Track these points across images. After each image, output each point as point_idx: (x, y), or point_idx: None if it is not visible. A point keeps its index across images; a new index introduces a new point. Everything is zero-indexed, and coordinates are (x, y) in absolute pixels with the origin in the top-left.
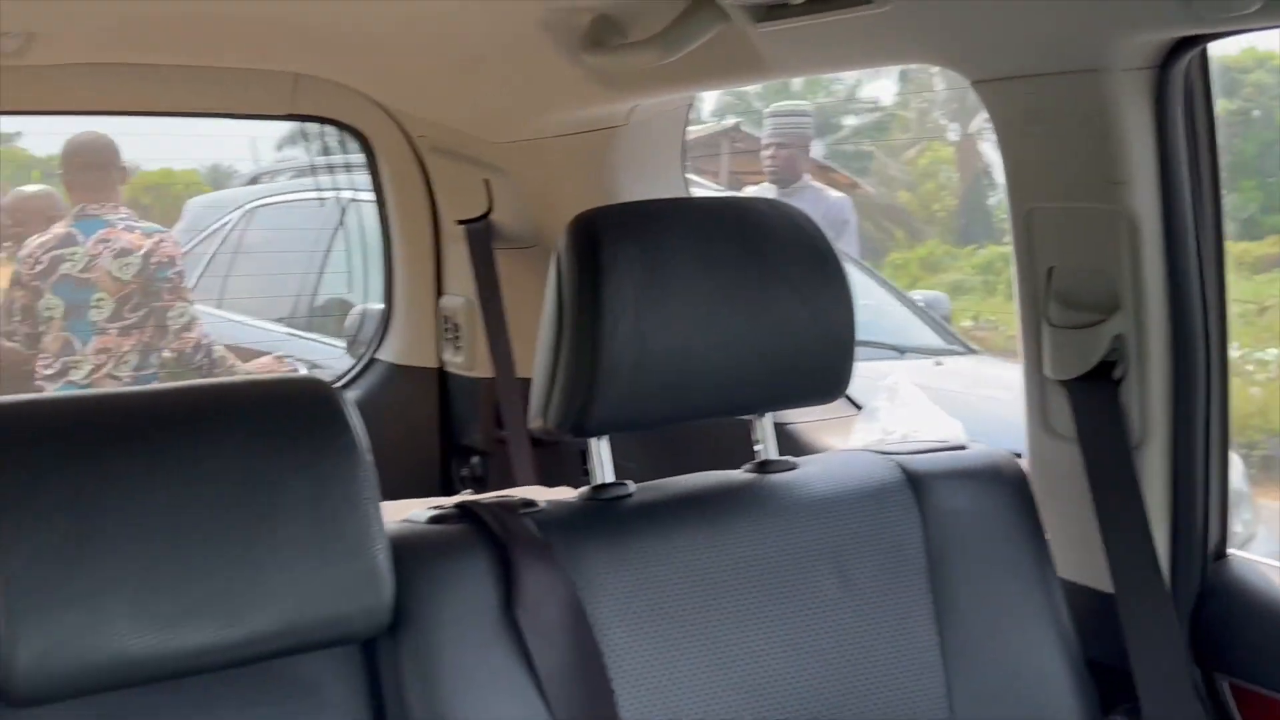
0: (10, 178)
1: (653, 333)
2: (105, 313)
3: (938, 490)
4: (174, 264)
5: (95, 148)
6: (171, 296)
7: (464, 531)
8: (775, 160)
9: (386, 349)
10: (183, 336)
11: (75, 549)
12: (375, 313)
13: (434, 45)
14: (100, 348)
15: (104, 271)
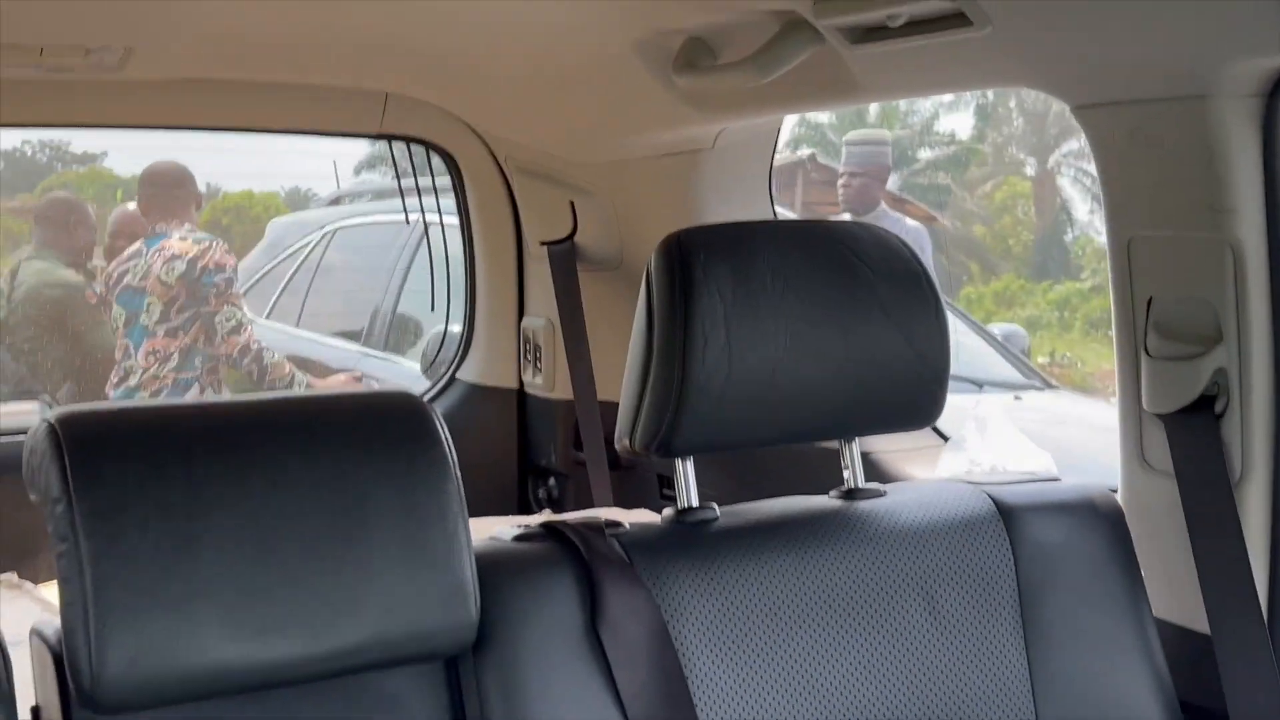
0: (95, 196)
1: (742, 353)
2: (154, 317)
3: (1030, 523)
4: (223, 270)
5: (171, 173)
6: (219, 301)
7: (549, 550)
8: (850, 189)
9: (467, 369)
10: (229, 340)
11: (168, 557)
12: (452, 334)
13: (525, 67)
14: (149, 350)
15: (155, 278)
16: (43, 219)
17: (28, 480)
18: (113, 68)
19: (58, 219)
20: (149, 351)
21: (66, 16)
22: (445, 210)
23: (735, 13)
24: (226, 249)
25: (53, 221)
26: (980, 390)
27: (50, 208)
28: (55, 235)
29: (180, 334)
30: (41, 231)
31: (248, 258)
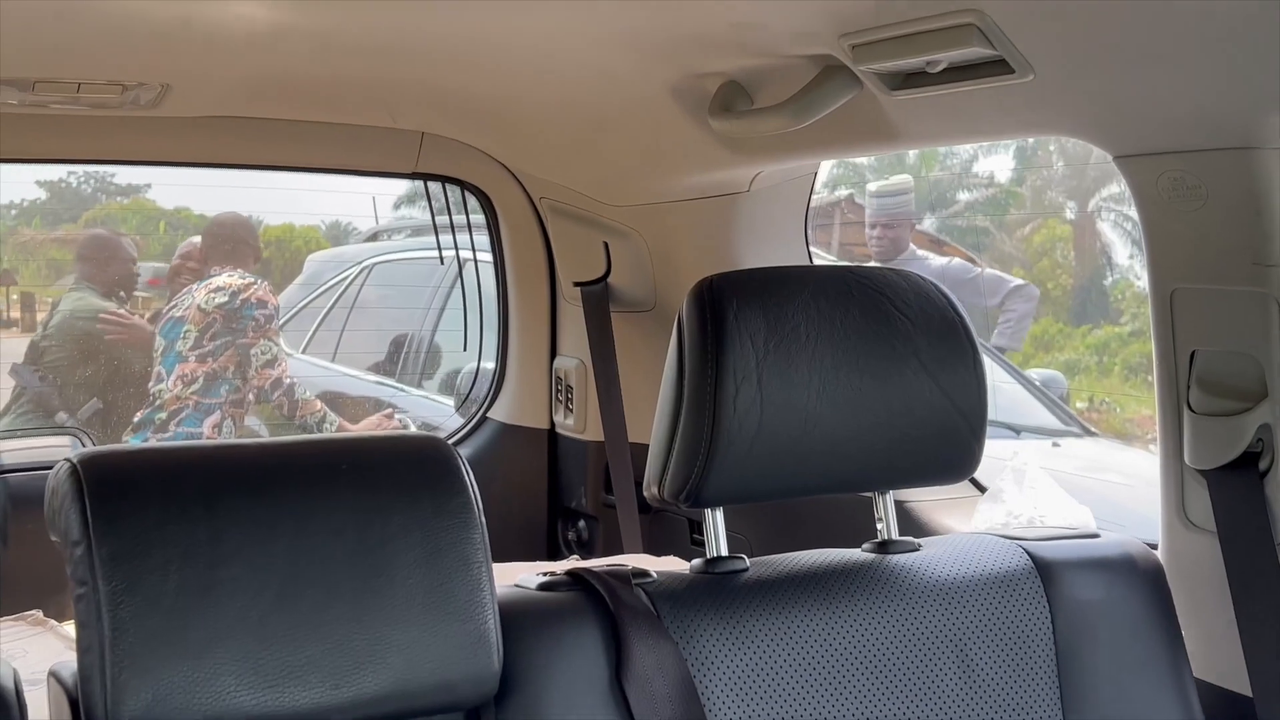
0: (138, 228)
1: (774, 402)
2: (189, 343)
3: (1068, 579)
4: (265, 305)
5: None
6: (257, 334)
7: (574, 599)
8: (881, 240)
9: (498, 408)
10: (262, 372)
11: (187, 603)
12: (486, 371)
13: (561, 109)
14: (179, 374)
15: (195, 307)
16: (81, 256)
17: (48, 521)
18: (150, 104)
19: (95, 256)
20: (179, 376)
21: (105, 54)
22: (479, 247)
23: (772, 57)
24: (270, 288)
25: (90, 258)
26: (1018, 436)
27: (87, 246)
28: (93, 270)
29: (210, 359)
30: (81, 267)
31: (285, 291)
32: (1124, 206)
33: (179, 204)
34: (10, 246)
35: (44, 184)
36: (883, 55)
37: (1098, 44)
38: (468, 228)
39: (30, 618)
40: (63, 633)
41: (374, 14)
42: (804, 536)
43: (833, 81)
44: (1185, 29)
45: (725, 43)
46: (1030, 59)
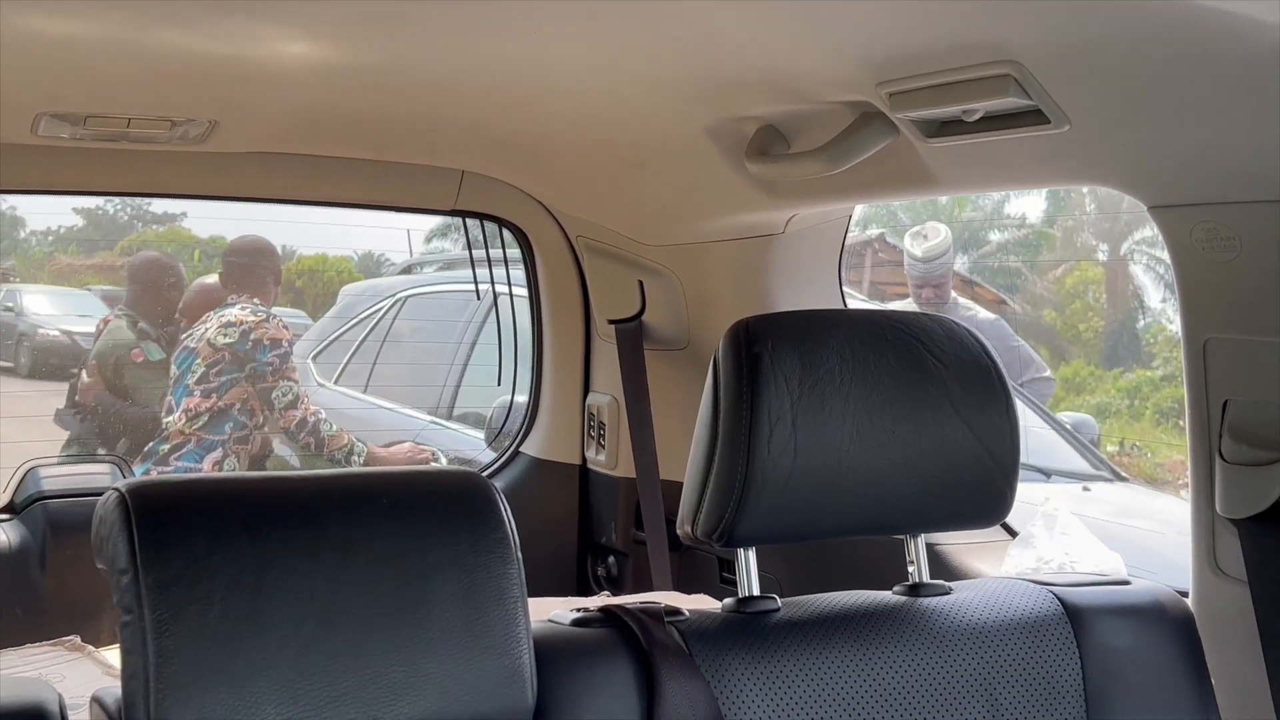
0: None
1: (808, 444)
2: (195, 376)
3: (1098, 626)
4: (279, 345)
5: (255, 248)
6: (275, 377)
7: (607, 636)
8: (930, 302)
9: (531, 443)
10: (285, 415)
11: (231, 632)
12: (518, 405)
13: (599, 149)
14: (185, 407)
15: (206, 340)
16: (135, 277)
17: (96, 548)
18: (197, 140)
19: (149, 278)
20: (185, 409)
21: (155, 90)
22: (514, 282)
23: (809, 103)
24: (282, 324)
25: (142, 280)
26: (1048, 480)
27: (143, 268)
28: (143, 293)
29: (214, 396)
30: (131, 289)
31: (319, 323)
32: (1157, 250)
33: (214, 233)
34: (48, 272)
35: (81, 211)
36: (919, 103)
37: (1133, 96)
38: (504, 262)
39: (68, 643)
40: (100, 658)
41: (418, 54)
42: (833, 577)
43: (869, 128)
44: (1220, 82)
45: (763, 88)
46: (1066, 110)
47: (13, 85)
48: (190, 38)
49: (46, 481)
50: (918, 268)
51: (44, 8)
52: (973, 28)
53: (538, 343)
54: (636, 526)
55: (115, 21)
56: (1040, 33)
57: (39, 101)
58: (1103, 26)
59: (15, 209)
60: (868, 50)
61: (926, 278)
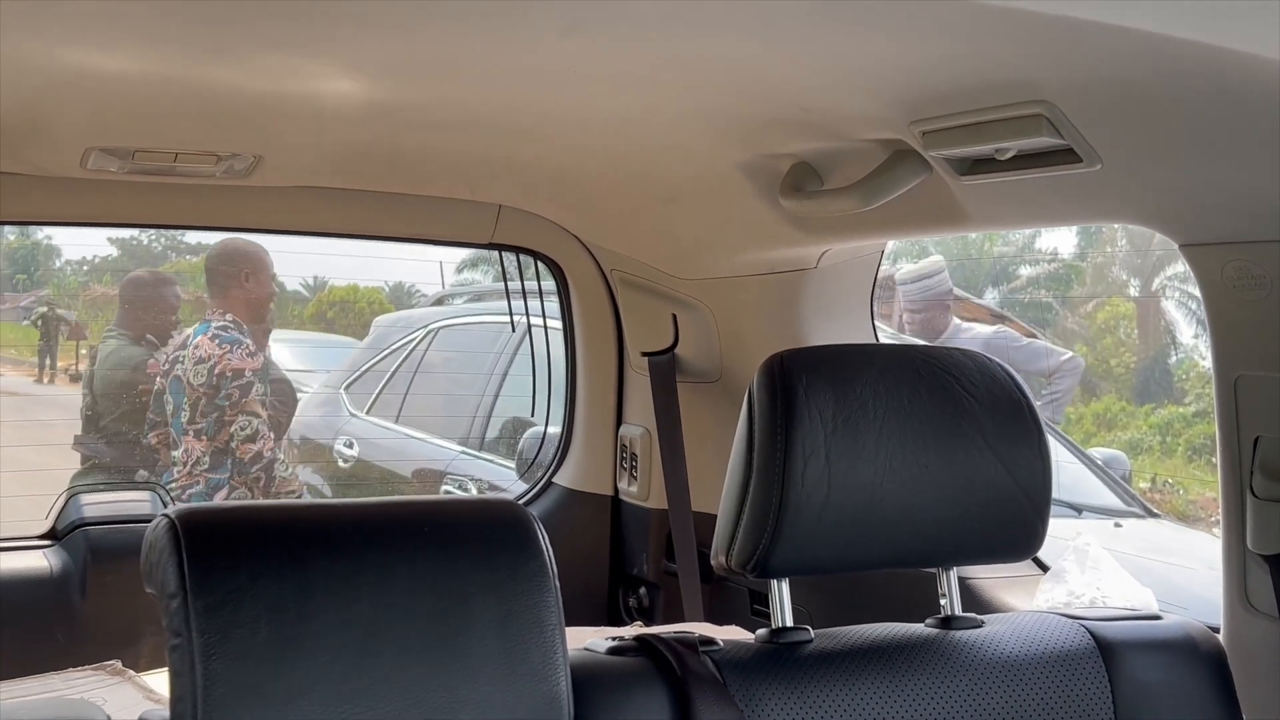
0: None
1: (841, 477)
2: (187, 415)
3: (1130, 661)
4: (241, 376)
5: (226, 257)
6: (233, 410)
7: (642, 665)
8: (912, 324)
9: (564, 473)
10: (243, 446)
11: (275, 656)
12: (551, 436)
13: (633, 184)
14: (185, 447)
15: (187, 380)
16: (122, 299)
17: (145, 574)
18: (242, 174)
19: (136, 297)
20: (185, 449)
21: (202, 125)
22: (541, 314)
23: (843, 140)
24: (250, 351)
25: (131, 301)
26: (1080, 516)
27: (128, 287)
28: (130, 314)
29: (204, 437)
30: (120, 311)
31: (352, 353)
32: (1188, 285)
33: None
34: (82, 301)
35: (116, 241)
36: (952, 142)
37: (1164, 135)
38: (539, 294)
39: (109, 667)
40: (141, 682)
41: (457, 92)
42: (865, 609)
43: (902, 165)
44: (1250, 122)
45: (797, 125)
46: (1098, 149)
47: (64, 120)
48: (237, 75)
49: (88, 508)
50: (909, 289)
51: (94, 46)
52: (1005, 68)
53: (571, 374)
54: (668, 558)
55: (164, 59)
56: (1072, 73)
57: (89, 136)
58: (1133, 67)
59: (51, 238)
60: (901, 89)
61: (906, 301)
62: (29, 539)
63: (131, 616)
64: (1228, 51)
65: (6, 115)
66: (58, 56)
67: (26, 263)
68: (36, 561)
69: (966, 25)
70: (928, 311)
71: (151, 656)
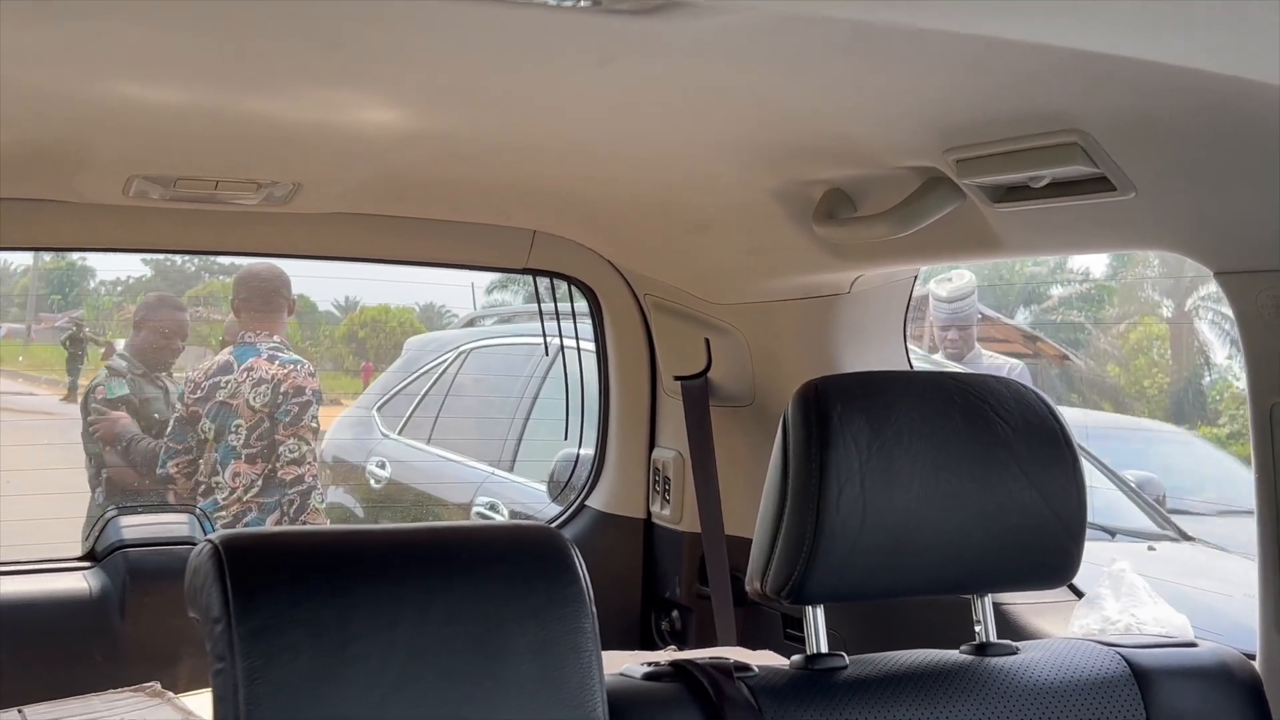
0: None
1: (876, 504)
2: (241, 439)
3: (1165, 688)
4: (301, 394)
5: (267, 276)
6: (287, 431)
7: (678, 691)
8: (955, 344)
9: (596, 496)
10: (287, 467)
11: (317, 679)
12: (584, 459)
13: (666, 210)
14: (235, 471)
15: (244, 400)
16: (137, 322)
17: (189, 598)
18: (281, 201)
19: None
20: (235, 473)
21: (243, 154)
22: (575, 335)
23: (876, 168)
24: (310, 372)
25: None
26: (1113, 539)
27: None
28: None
29: (259, 460)
30: (135, 336)
31: (384, 375)
32: (1222, 306)
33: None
34: (116, 322)
35: (150, 262)
36: (986, 170)
37: (1198, 164)
38: (572, 315)
39: (149, 689)
40: (180, 704)
41: (495, 120)
42: (899, 636)
43: (936, 192)
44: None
45: (830, 153)
46: (1132, 177)
47: (108, 149)
48: (277, 105)
49: (127, 530)
50: (943, 309)
51: (139, 78)
52: (1039, 97)
53: (604, 398)
54: (700, 581)
55: (206, 90)
56: (1105, 104)
57: (132, 165)
58: (1166, 99)
59: (85, 259)
60: (935, 119)
61: (952, 319)
62: (68, 560)
63: (171, 638)
64: (1259, 85)
65: (53, 144)
66: (103, 88)
67: (61, 284)
68: (76, 583)
69: (1000, 58)
70: (967, 330)
71: (190, 678)
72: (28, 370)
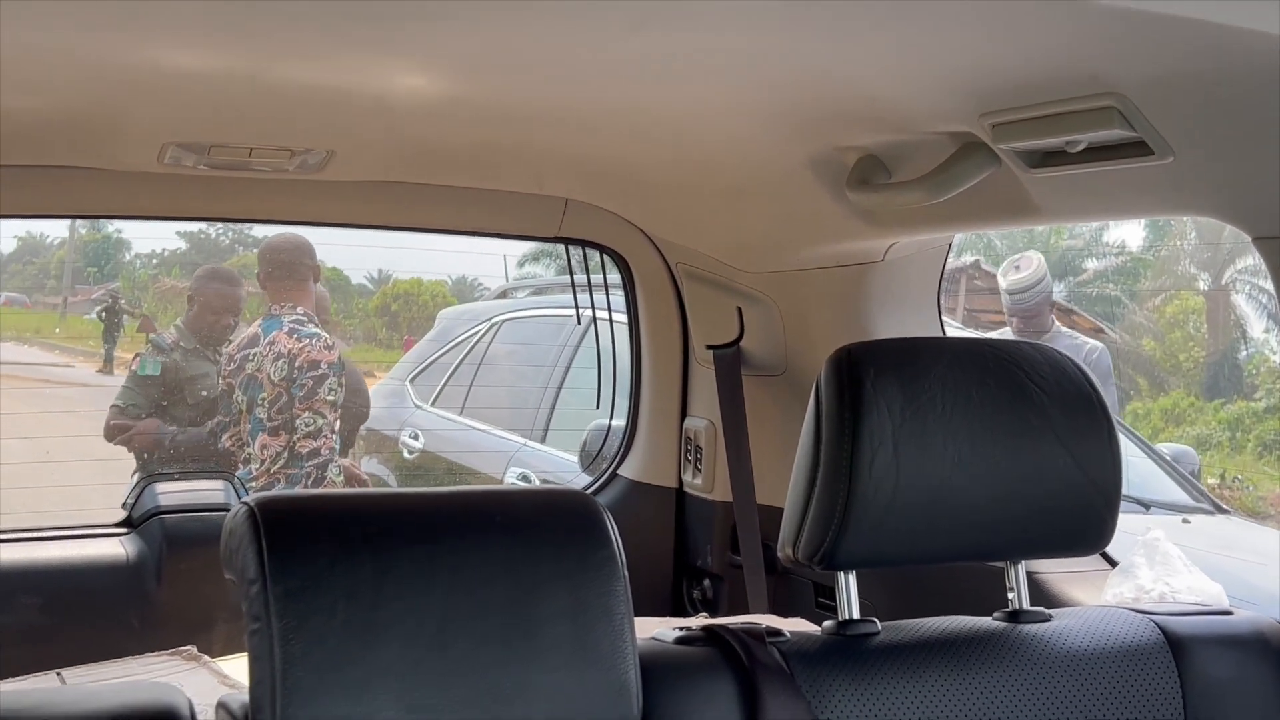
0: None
1: (909, 470)
2: (266, 412)
3: (1200, 656)
4: (316, 367)
5: (288, 248)
6: (302, 405)
7: (710, 655)
8: (1023, 331)
9: (628, 465)
10: (303, 441)
11: (352, 641)
12: (615, 429)
13: (700, 178)
14: (262, 444)
15: (266, 373)
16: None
17: (224, 560)
18: (315, 169)
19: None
20: (263, 445)
21: (276, 121)
22: (613, 308)
23: (911, 133)
24: (327, 344)
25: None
26: (1147, 512)
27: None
28: (199, 315)
29: (281, 433)
30: (189, 310)
31: (417, 346)
32: (1260, 279)
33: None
34: (151, 294)
35: (184, 234)
36: (1022, 135)
37: (1237, 127)
38: (605, 286)
39: (185, 653)
40: (216, 668)
41: (527, 87)
42: (929, 603)
43: (971, 158)
44: None
45: (865, 119)
46: (1170, 141)
47: (142, 116)
48: (311, 72)
49: (163, 497)
50: (1006, 299)
51: (173, 44)
52: (1076, 60)
53: (636, 367)
54: (732, 550)
55: (240, 56)
56: (1144, 66)
57: (166, 132)
58: (1205, 59)
59: (121, 231)
60: (972, 83)
61: (1014, 309)
62: (106, 526)
63: (206, 603)
64: None
65: (88, 111)
66: (137, 55)
67: (98, 256)
68: (113, 549)
69: (1038, 19)
70: (1036, 317)
71: (225, 643)
72: (65, 342)
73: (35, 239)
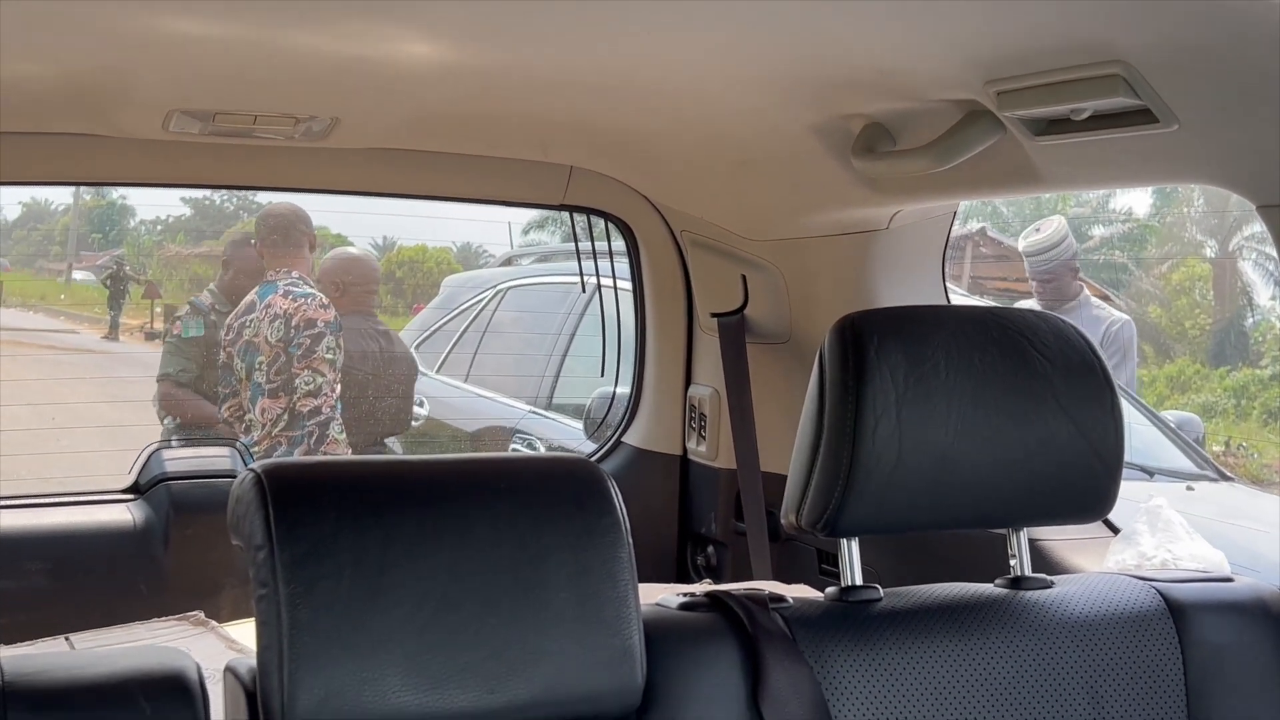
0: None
1: (912, 437)
2: (265, 375)
3: (1201, 622)
4: (313, 325)
5: (281, 214)
6: (302, 363)
7: (714, 620)
8: (1044, 294)
9: (633, 433)
10: (303, 399)
11: (359, 605)
12: (620, 397)
13: (704, 146)
14: (263, 407)
15: (263, 336)
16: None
17: (232, 526)
18: (319, 136)
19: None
20: (263, 409)
21: (281, 88)
22: (612, 274)
23: (916, 101)
24: (323, 303)
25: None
26: (1151, 479)
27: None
28: (232, 279)
29: (281, 395)
30: (223, 274)
31: (422, 313)
32: (1266, 246)
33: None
34: (156, 261)
35: (189, 201)
36: (1028, 102)
37: (1242, 95)
38: (609, 254)
39: (192, 618)
40: (223, 633)
41: (533, 54)
42: (932, 570)
43: (976, 125)
44: None
45: (871, 86)
46: (1175, 109)
47: (147, 83)
48: (317, 38)
49: (170, 463)
50: (1026, 263)
51: (178, 10)
52: (1082, 28)
53: (640, 335)
54: (736, 517)
55: (245, 22)
56: (1150, 33)
57: (171, 99)
58: (1212, 27)
59: (125, 198)
60: (977, 49)
61: (1034, 272)
62: (113, 493)
63: (213, 569)
64: None
65: (91, 78)
66: (142, 21)
67: (102, 223)
68: (120, 515)
69: None
70: (1058, 280)
71: (233, 608)
72: (70, 308)
73: (40, 205)
